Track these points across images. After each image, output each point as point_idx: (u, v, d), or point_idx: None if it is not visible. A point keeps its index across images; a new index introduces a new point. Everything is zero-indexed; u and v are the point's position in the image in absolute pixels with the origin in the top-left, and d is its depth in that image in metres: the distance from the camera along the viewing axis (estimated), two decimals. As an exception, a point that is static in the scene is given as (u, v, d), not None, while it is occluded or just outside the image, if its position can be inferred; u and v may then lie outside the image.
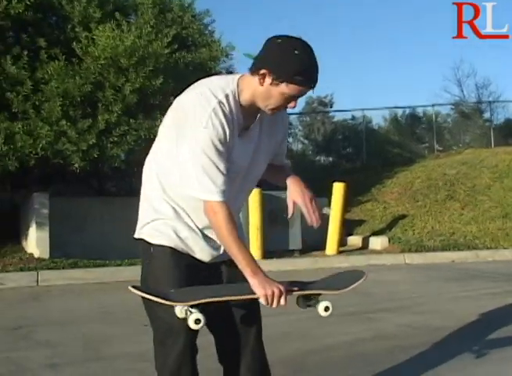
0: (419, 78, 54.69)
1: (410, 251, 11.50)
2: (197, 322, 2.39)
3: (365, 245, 12.29)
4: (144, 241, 2.68)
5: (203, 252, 2.67)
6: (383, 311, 6.48)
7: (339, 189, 11.74)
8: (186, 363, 2.62)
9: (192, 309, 2.40)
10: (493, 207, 13.74)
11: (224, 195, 2.47)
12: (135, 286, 2.50)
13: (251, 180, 2.76)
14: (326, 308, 2.57)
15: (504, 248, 11.88)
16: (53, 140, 8.87)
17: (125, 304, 7.06)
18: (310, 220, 2.78)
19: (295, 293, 2.57)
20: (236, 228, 2.51)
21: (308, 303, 2.61)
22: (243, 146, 2.60)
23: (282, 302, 2.46)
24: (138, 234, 2.73)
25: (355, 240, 12.57)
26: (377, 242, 12.18)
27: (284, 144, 2.89)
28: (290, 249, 11.18)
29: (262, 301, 2.46)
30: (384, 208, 14.26)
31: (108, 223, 10.48)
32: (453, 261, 11.01)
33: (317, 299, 2.60)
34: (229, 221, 2.48)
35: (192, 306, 2.41)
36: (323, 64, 2.53)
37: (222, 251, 2.66)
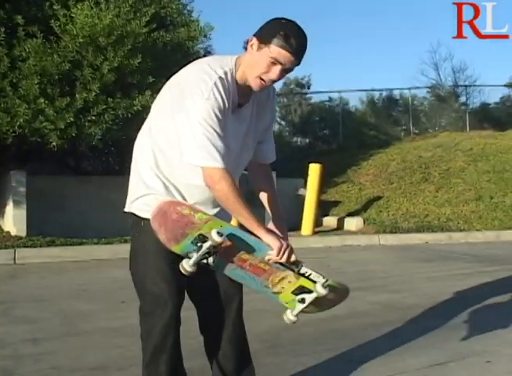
0: (396, 61, 54.80)
1: (385, 232, 11.64)
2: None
3: (340, 226, 12.41)
4: (134, 215, 2.77)
5: None
6: (356, 289, 6.54)
7: (315, 170, 11.82)
8: (171, 333, 2.73)
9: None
10: (467, 189, 13.92)
11: (225, 162, 2.54)
12: None
13: (241, 165, 2.85)
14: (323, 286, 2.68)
15: (477, 230, 12.05)
16: (31, 118, 8.84)
17: (102, 282, 7.15)
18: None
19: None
20: (241, 195, 2.58)
21: (303, 298, 2.71)
22: (235, 125, 2.68)
23: (293, 258, 2.61)
24: (128, 208, 2.80)
25: (331, 221, 12.68)
26: (352, 223, 12.30)
27: (271, 132, 2.96)
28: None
29: (275, 252, 2.57)
30: (360, 190, 14.39)
31: (85, 202, 10.49)
32: (427, 242, 11.17)
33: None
34: (235, 187, 2.56)
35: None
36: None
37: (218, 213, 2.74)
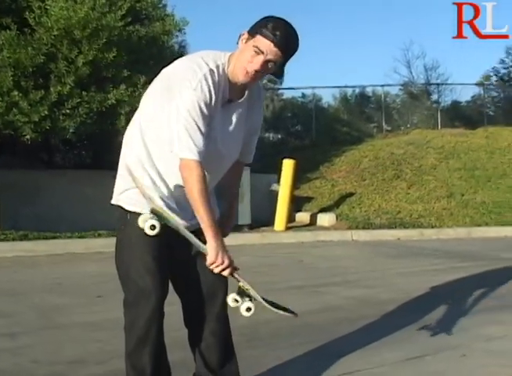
0: (370, 58, 55.07)
1: (357, 228, 11.73)
2: (152, 228, 2.59)
3: (313, 222, 12.46)
4: (121, 208, 2.78)
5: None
6: (330, 285, 6.64)
7: (288, 165, 11.86)
8: (155, 325, 2.75)
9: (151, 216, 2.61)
10: (438, 186, 14.07)
11: (201, 156, 2.57)
12: None
13: (228, 160, 2.87)
14: (248, 309, 2.71)
15: (448, 227, 12.19)
16: (4, 111, 8.77)
17: (76, 276, 7.13)
18: None
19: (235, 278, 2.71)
20: (207, 190, 2.61)
21: (236, 299, 2.72)
22: (224, 119, 2.71)
23: (224, 273, 2.65)
24: (115, 200, 2.82)
25: (303, 217, 12.73)
26: (325, 219, 12.37)
27: (257, 135, 2.99)
28: (240, 224, 11.28)
29: (208, 262, 2.61)
30: (332, 186, 14.46)
31: (58, 196, 10.41)
32: (399, 238, 11.26)
33: (244, 299, 2.72)
34: (202, 182, 2.58)
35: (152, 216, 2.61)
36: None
37: (195, 222, 2.76)
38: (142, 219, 2.62)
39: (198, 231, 2.69)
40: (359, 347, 4.13)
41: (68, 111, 9.25)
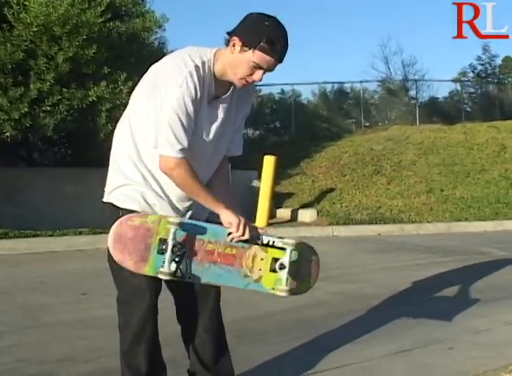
0: (348, 55, 55.28)
1: (338, 224, 11.74)
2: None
3: (294, 218, 12.47)
4: (112, 205, 2.76)
5: None
6: (315, 280, 6.64)
7: (269, 162, 11.85)
8: (150, 322, 2.75)
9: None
10: (418, 182, 14.15)
11: (184, 153, 2.56)
12: None
13: (218, 156, 2.86)
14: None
15: (428, 222, 12.25)
16: (-17, 108, 8.71)
17: (59, 274, 7.08)
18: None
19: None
20: (196, 176, 2.62)
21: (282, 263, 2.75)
22: (211, 115, 2.69)
23: (247, 234, 2.67)
24: (106, 198, 2.80)
25: (284, 213, 12.74)
26: (306, 215, 12.39)
27: (242, 127, 2.99)
28: (221, 221, 11.24)
29: (234, 228, 2.65)
30: (313, 182, 14.48)
31: (38, 194, 10.32)
32: (380, 234, 11.30)
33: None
34: (191, 172, 2.59)
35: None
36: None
37: (188, 216, 2.76)
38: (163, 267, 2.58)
39: None
40: (348, 341, 4.15)
41: (48, 108, 9.18)
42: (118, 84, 9.63)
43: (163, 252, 2.55)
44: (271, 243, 2.75)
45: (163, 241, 2.56)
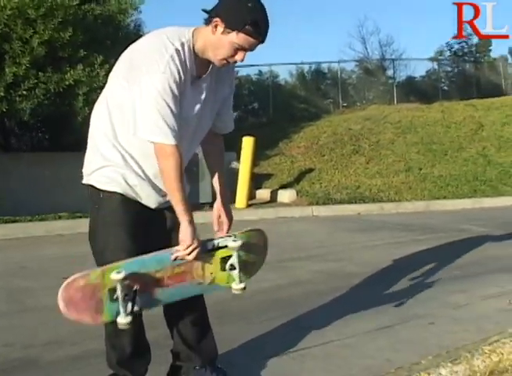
0: (325, 35, 55.18)
1: (318, 204, 11.78)
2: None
3: (273, 198, 12.49)
4: (93, 187, 2.75)
5: (149, 199, 2.77)
6: (296, 260, 6.70)
7: (248, 143, 11.86)
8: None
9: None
10: (396, 161, 14.22)
11: (177, 139, 2.55)
12: None
13: (200, 135, 2.86)
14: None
15: (407, 201, 12.33)
16: (-41, 94, 8.63)
17: (40, 258, 7.06)
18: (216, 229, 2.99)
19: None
20: (183, 175, 2.61)
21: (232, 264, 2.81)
22: (194, 96, 2.69)
23: (191, 258, 2.66)
24: (86, 180, 2.78)
25: (264, 194, 12.76)
26: (285, 195, 12.41)
27: (230, 104, 2.97)
28: (201, 202, 11.26)
29: (181, 247, 2.64)
30: (292, 162, 14.51)
31: (16, 179, 10.25)
32: (359, 213, 11.35)
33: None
34: (179, 167, 2.57)
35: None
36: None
37: (168, 198, 2.77)
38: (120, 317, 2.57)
39: (172, 208, 2.70)
40: (331, 319, 4.19)
41: (24, 92, 9.11)
42: (95, 67, 9.57)
43: (116, 300, 2.55)
44: (216, 246, 2.78)
45: (112, 291, 2.55)
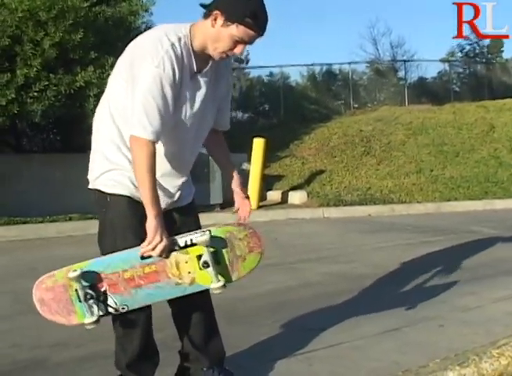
0: (336, 36, 55.12)
1: (328, 206, 11.75)
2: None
3: (284, 200, 12.48)
4: (99, 191, 2.74)
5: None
6: (305, 261, 6.69)
7: (259, 144, 11.85)
8: (143, 308, 2.73)
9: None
10: (408, 162, 14.18)
11: (156, 137, 2.53)
12: None
13: (204, 130, 2.84)
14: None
15: (418, 202, 12.28)
16: (-30, 96, 8.66)
17: (50, 260, 7.03)
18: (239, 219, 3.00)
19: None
20: (155, 169, 2.57)
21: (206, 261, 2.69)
22: (194, 91, 2.67)
23: (155, 253, 2.60)
24: (92, 185, 2.77)
25: (275, 195, 12.75)
26: (296, 197, 12.39)
27: (228, 101, 2.96)
28: (211, 204, 11.27)
29: (146, 242, 2.58)
30: (303, 164, 14.49)
31: (27, 181, 10.26)
32: (370, 215, 11.32)
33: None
34: (153, 160, 2.55)
35: None
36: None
37: (176, 198, 2.75)
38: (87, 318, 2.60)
39: (181, 209, 2.68)
40: (340, 321, 4.17)
41: (36, 94, 9.14)
42: (105, 68, 9.57)
43: (83, 300, 2.57)
44: (189, 242, 2.66)
45: (77, 291, 2.58)
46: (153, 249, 2.58)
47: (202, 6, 2.61)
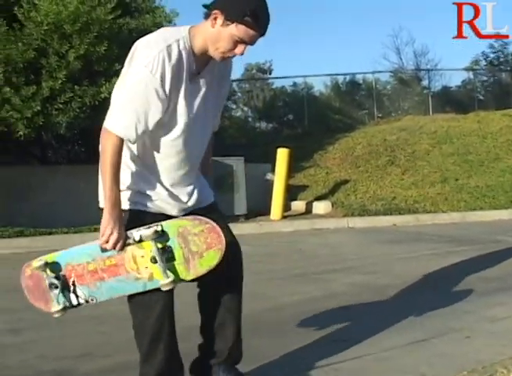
0: (359, 46, 55.01)
1: (353, 215, 11.71)
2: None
3: (308, 210, 12.45)
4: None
5: (173, 208, 2.74)
6: (330, 272, 6.65)
7: (283, 154, 11.85)
8: (167, 319, 2.72)
9: None
10: (432, 172, 14.07)
11: (127, 135, 2.53)
12: None
13: (207, 130, 2.83)
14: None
15: (443, 212, 12.18)
16: (-4, 108, 8.76)
17: (76, 270, 7.09)
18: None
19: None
20: (119, 166, 2.56)
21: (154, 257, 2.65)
22: (194, 93, 2.65)
23: (109, 246, 2.60)
24: (102, 204, 2.71)
25: (299, 205, 12.72)
26: (321, 207, 12.36)
27: (224, 102, 2.97)
28: (236, 214, 11.28)
29: (99, 236, 2.59)
30: (327, 174, 14.44)
31: (52, 192, 10.35)
32: (395, 224, 11.26)
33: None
34: (118, 155, 2.55)
35: None
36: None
37: (191, 204, 2.75)
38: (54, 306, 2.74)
39: (203, 209, 2.70)
40: (365, 332, 4.14)
41: (61, 106, 9.24)
42: (129, 80, 9.64)
43: (55, 287, 2.68)
44: (143, 237, 2.63)
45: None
46: (107, 242, 2.59)
47: (204, 7, 2.61)
